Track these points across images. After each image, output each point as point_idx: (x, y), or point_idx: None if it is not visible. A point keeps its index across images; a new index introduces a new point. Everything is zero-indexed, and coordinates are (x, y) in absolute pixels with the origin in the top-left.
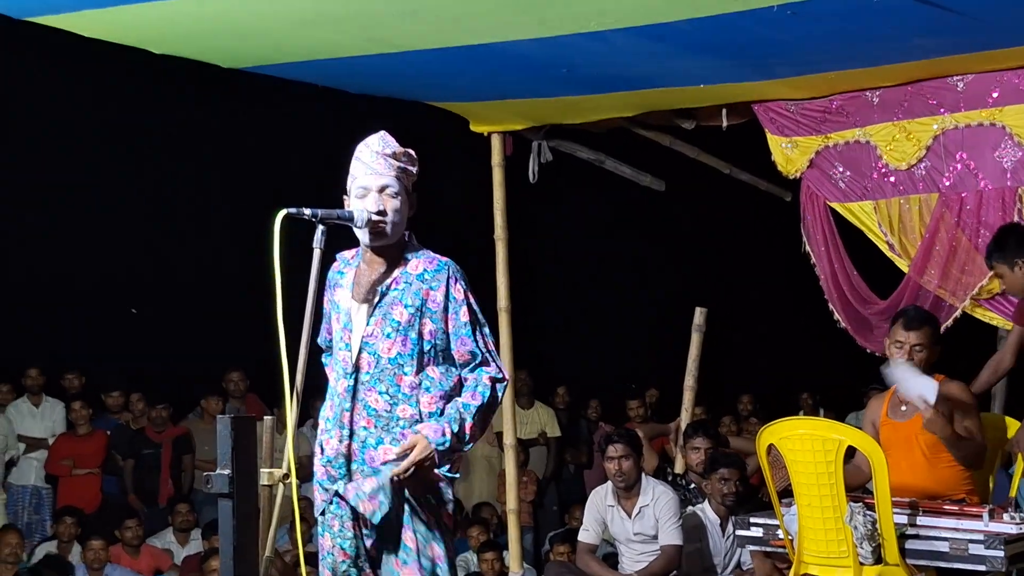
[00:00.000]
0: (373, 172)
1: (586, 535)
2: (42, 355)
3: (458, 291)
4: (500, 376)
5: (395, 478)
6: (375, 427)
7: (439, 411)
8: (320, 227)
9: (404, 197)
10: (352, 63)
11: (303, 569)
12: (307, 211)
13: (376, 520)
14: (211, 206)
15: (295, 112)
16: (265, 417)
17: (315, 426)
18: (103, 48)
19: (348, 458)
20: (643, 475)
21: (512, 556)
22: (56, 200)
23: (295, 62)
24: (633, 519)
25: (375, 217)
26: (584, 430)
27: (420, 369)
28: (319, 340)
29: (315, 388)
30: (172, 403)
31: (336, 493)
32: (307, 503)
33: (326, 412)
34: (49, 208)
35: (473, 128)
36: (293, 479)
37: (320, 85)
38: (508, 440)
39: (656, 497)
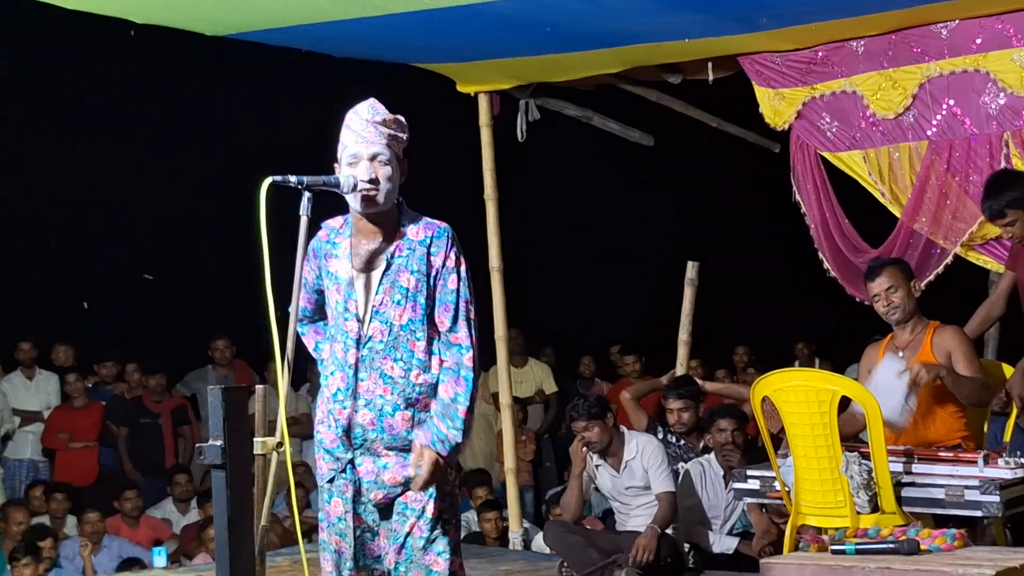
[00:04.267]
0: (364, 140)
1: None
2: (33, 328)
3: (451, 258)
4: (477, 352)
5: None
6: (392, 394)
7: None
8: (306, 194)
9: (395, 164)
10: (335, 27)
11: (299, 535)
12: (293, 178)
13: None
14: (196, 175)
15: (280, 78)
16: (257, 386)
17: (311, 391)
18: (84, 19)
19: (364, 428)
20: (623, 429)
21: (512, 515)
22: (41, 174)
23: (278, 28)
24: (622, 474)
25: (366, 185)
26: (576, 387)
27: (430, 334)
28: (299, 310)
29: (305, 355)
30: (162, 372)
31: (351, 461)
32: (304, 469)
33: (336, 383)
34: (34, 182)
35: (460, 88)
36: (287, 447)
37: (304, 50)
38: (504, 400)
39: (641, 448)
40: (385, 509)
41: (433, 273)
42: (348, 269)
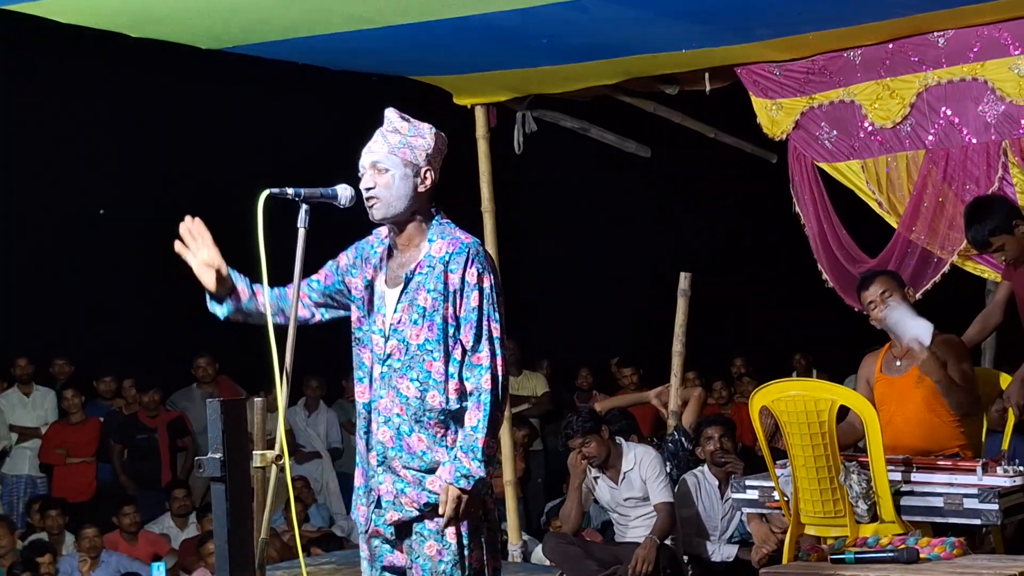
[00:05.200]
0: (368, 151)
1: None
2: (29, 344)
3: (472, 275)
4: (497, 372)
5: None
6: (407, 415)
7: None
8: (304, 206)
9: (402, 171)
10: (332, 40)
11: (299, 549)
12: (290, 191)
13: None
14: (193, 186)
15: (277, 91)
16: (255, 399)
17: (307, 406)
18: (79, 33)
19: (385, 445)
20: (620, 441)
21: (510, 527)
22: (36, 188)
23: (275, 41)
24: (620, 486)
25: (364, 193)
26: (573, 400)
27: (447, 354)
28: (309, 281)
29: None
30: (156, 387)
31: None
32: (303, 483)
33: (362, 393)
34: (28, 196)
35: (456, 101)
36: (287, 460)
37: (301, 63)
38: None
39: (639, 460)
40: (402, 527)
41: (452, 291)
42: (382, 283)
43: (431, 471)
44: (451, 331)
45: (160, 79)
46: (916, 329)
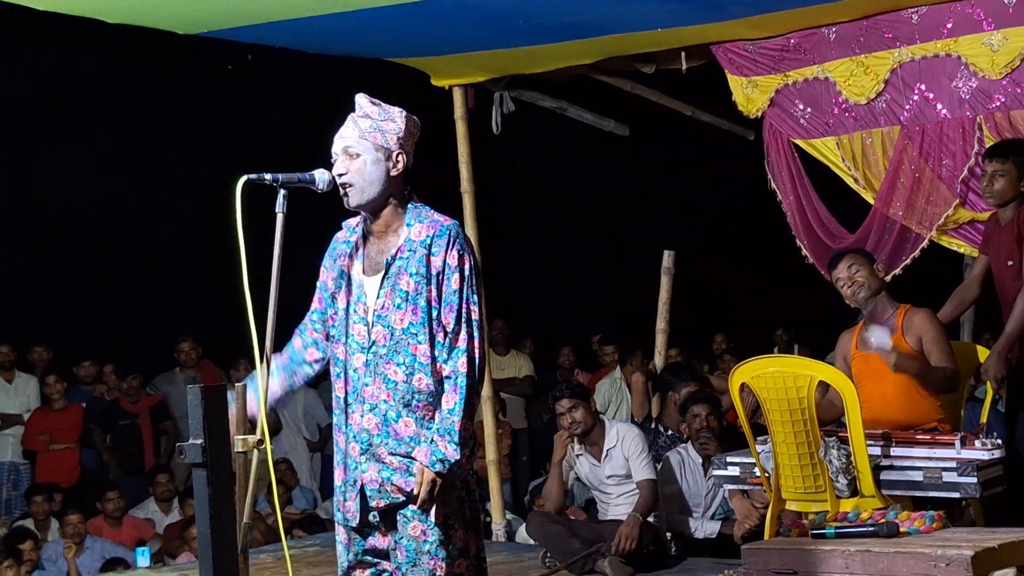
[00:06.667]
0: (339, 136)
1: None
2: (10, 331)
3: (453, 257)
4: (474, 354)
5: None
6: (394, 400)
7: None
8: (282, 192)
9: (373, 156)
10: (308, 23)
11: (282, 532)
12: (268, 176)
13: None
14: (169, 173)
15: (255, 76)
16: (237, 384)
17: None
18: (56, 20)
19: (370, 433)
20: (603, 418)
21: (494, 507)
22: (12, 174)
23: (251, 25)
24: (603, 463)
25: (337, 179)
26: (556, 378)
27: (431, 337)
28: (310, 312)
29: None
30: (136, 373)
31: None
32: (286, 466)
33: (341, 386)
34: (5, 185)
35: (434, 82)
36: (268, 444)
37: (278, 47)
38: (485, 392)
39: (621, 437)
40: (386, 512)
41: (435, 274)
42: (360, 272)
43: None
44: (434, 314)
45: (135, 65)
46: (877, 337)
